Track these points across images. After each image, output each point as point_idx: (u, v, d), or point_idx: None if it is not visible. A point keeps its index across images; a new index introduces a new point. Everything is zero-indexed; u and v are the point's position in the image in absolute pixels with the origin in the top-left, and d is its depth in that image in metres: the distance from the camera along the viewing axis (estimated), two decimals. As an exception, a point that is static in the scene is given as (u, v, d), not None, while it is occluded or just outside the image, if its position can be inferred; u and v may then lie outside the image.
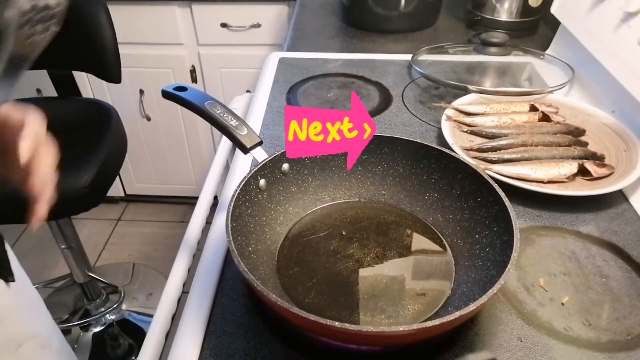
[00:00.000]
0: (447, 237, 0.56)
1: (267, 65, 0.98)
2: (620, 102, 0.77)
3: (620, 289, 0.52)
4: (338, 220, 0.59)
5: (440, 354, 0.45)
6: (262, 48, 1.55)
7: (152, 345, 0.48)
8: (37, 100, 1.53)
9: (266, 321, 0.48)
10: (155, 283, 1.74)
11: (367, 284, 0.51)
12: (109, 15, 1.16)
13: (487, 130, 0.73)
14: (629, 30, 0.73)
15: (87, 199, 1.07)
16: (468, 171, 0.54)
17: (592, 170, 0.64)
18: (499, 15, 1.14)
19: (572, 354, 0.46)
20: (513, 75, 0.95)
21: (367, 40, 1.11)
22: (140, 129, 1.78)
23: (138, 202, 2.08)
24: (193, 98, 0.58)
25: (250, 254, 0.50)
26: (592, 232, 0.59)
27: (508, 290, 0.52)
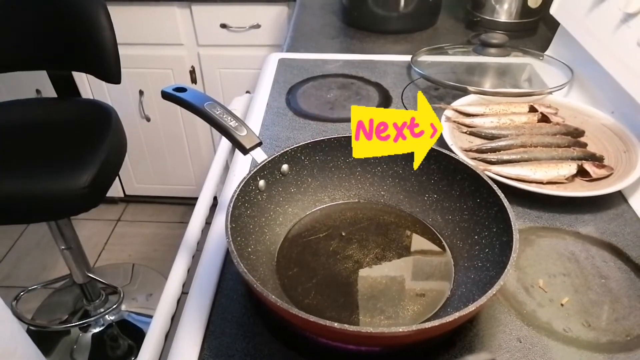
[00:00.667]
0: (447, 238, 0.56)
1: (266, 66, 0.98)
2: (620, 103, 0.77)
3: (620, 290, 0.52)
4: (337, 221, 0.59)
5: (439, 354, 0.45)
6: (261, 49, 1.55)
7: (151, 346, 0.48)
8: (37, 100, 1.53)
9: (266, 322, 0.48)
10: (155, 283, 1.74)
11: (367, 285, 0.51)
12: (109, 16, 1.16)
13: (487, 131, 0.73)
14: (628, 31, 0.73)
15: (87, 199, 1.07)
16: (467, 172, 0.54)
17: (591, 171, 0.64)
18: (498, 16, 1.15)
19: (571, 355, 0.46)
20: (512, 76, 0.96)
21: (367, 41, 1.11)
22: (140, 129, 1.78)
23: (138, 203, 2.09)
24: (192, 99, 0.58)
25: (249, 255, 0.50)
26: (592, 233, 0.59)
27: (507, 291, 0.52)
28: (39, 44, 1.24)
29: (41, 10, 1.20)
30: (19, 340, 0.66)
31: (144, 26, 1.54)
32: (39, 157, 1.12)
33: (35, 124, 1.23)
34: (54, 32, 1.22)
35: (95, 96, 1.70)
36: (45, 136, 1.19)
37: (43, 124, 1.23)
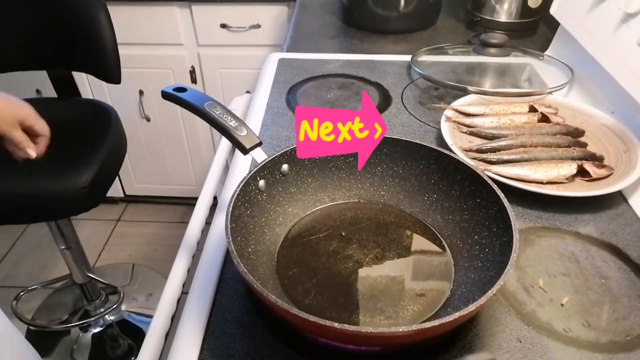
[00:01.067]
0: (447, 237, 0.56)
1: (266, 65, 0.98)
2: (620, 103, 0.77)
3: (620, 290, 0.52)
4: (337, 221, 0.59)
5: (439, 354, 0.45)
6: (261, 49, 1.55)
7: (151, 346, 0.48)
8: (37, 100, 1.53)
9: (266, 322, 0.48)
10: (155, 283, 1.74)
11: (367, 285, 0.51)
12: (109, 16, 1.16)
13: (487, 131, 0.73)
14: (628, 31, 0.73)
15: (87, 199, 1.07)
16: (467, 172, 0.54)
17: (591, 171, 0.64)
18: (498, 16, 1.15)
19: (571, 355, 0.46)
20: (512, 76, 0.96)
21: (367, 41, 1.11)
22: (140, 129, 1.78)
23: (138, 203, 2.08)
24: (192, 99, 0.58)
25: (249, 255, 0.50)
26: (592, 233, 0.59)
27: (507, 291, 0.52)
28: (39, 44, 1.24)
29: (41, 10, 1.20)
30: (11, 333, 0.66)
31: (144, 26, 1.54)
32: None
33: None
34: (54, 32, 1.22)
35: (95, 96, 1.70)
36: (45, 136, 1.19)
37: (43, 124, 1.23)
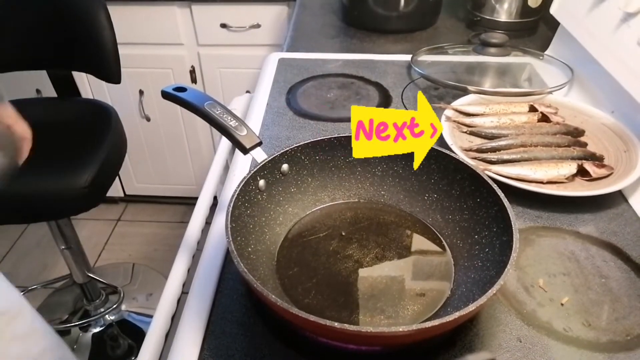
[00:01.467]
0: (447, 237, 0.56)
1: (266, 65, 0.98)
2: (620, 103, 0.77)
3: (620, 290, 0.52)
4: (337, 220, 0.59)
5: (439, 354, 0.45)
6: (261, 48, 1.55)
7: (151, 346, 0.48)
8: (37, 100, 1.53)
9: (266, 321, 0.48)
10: (155, 283, 1.74)
11: (367, 285, 0.51)
12: (109, 16, 1.16)
13: (487, 130, 0.73)
14: (628, 30, 0.73)
15: (87, 199, 1.07)
16: (467, 172, 0.54)
17: (591, 170, 0.64)
18: (498, 15, 1.14)
19: (571, 355, 0.46)
20: (512, 75, 0.96)
21: (367, 41, 1.11)
22: (140, 129, 1.78)
23: (138, 203, 2.08)
24: (192, 98, 0.58)
25: (249, 255, 0.50)
26: (592, 233, 0.59)
27: (507, 290, 0.52)
28: (39, 44, 1.24)
29: (41, 10, 1.20)
30: (25, 308, 0.67)
31: (144, 26, 1.54)
32: (39, 156, 1.11)
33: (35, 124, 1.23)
34: (54, 32, 1.22)
35: (95, 96, 1.70)
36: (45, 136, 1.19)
37: (43, 124, 1.23)
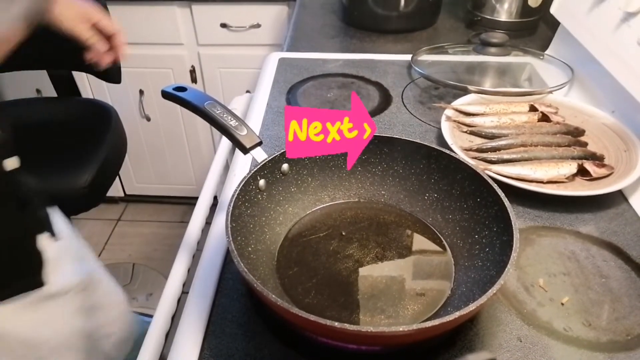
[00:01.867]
0: (447, 237, 0.56)
1: (266, 65, 0.98)
2: (620, 102, 0.77)
3: (620, 289, 0.52)
4: (338, 220, 0.59)
5: (440, 354, 0.45)
6: (261, 48, 1.55)
7: (152, 346, 0.48)
8: (37, 100, 1.53)
9: (266, 321, 0.48)
10: (155, 283, 1.74)
11: (367, 284, 0.51)
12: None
13: (487, 130, 0.73)
14: (628, 30, 0.73)
15: (87, 199, 1.07)
16: (467, 171, 0.54)
17: (591, 170, 0.64)
18: (498, 15, 1.14)
19: (571, 354, 0.46)
20: (513, 75, 0.96)
21: (367, 40, 1.11)
22: (140, 129, 1.78)
23: (138, 202, 2.08)
24: (193, 98, 0.58)
25: (250, 254, 0.50)
26: (592, 232, 0.59)
27: (508, 290, 0.52)
28: (39, 43, 1.23)
29: (41, 10, 1.20)
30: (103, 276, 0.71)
31: (143, 26, 1.54)
32: (39, 156, 1.12)
33: (35, 124, 1.23)
34: (53, 32, 1.22)
35: (96, 96, 1.70)
36: (45, 136, 1.19)
37: (43, 124, 1.23)
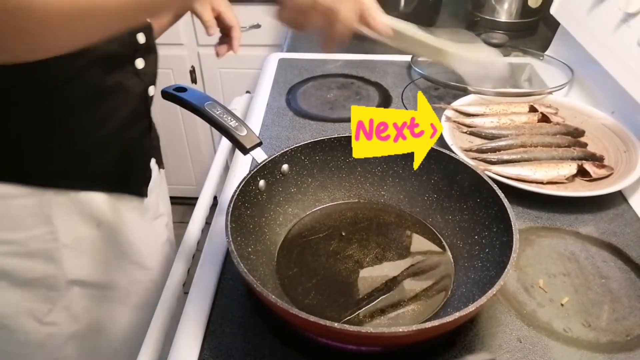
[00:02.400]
0: (447, 237, 0.56)
1: (267, 65, 0.98)
2: (620, 103, 0.77)
3: (620, 290, 0.52)
4: (337, 221, 0.59)
5: (439, 354, 0.45)
6: (262, 49, 1.55)
7: (152, 346, 0.48)
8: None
9: (266, 322, 0.48)
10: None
11: (367, 285, 0.51)
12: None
13: (487, 131, 0.73)
14: (628, 31, 0.73)
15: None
16: (467, 172, 0.54)
17: (591, 171, 0.64)
18: (498, 16, 1.14)
19: (571, 355, 0.46)
20: (513, 76, 0.95)
21: (367, 41, 1.10)
22: (140, 129, 1.78)
23: (138, 203, 2.08)
24: (193, 99, 0.58)
25: (249, 255, 0.50)
26: (592, 233, 0.59)
27: (507, 291, 0.52)
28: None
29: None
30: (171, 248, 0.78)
31: (144, 26, 1.54)
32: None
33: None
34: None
35: (96, 96, 1.70)
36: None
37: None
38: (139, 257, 0.68)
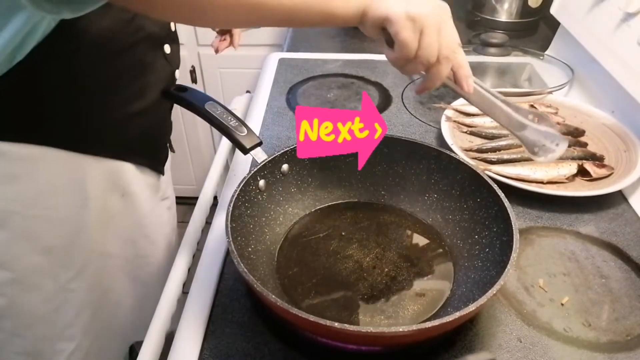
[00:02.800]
0: (447, 237, 0.56)
1: (267, 65, 0.98)
2: (620, 103, 0.77)
3: (620, 290, 0.52)
4: (337, 220, 0.59)
5: (439, 354, 0.45)
6: (262, 48, 1.55)
7: (152, 346, 0.48)
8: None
9: (266, 321, 0.48)
10: (155, 283, 1.74)
11: (367, 285, 0.51)
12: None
13: (487, 130, 0.73)
14: (628, 30, 0.73)
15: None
16: (467, 172, 0.54)
17: (591, 170, 0.64)
18: (498, 15, 1.14)
19: (571, 355, 0.46)
20: (513, 75, 0.96)
21: (367, 41, 1.11)
22: (140, 129, 1.78)
23: (138, 203, 2.08)
24: (193, 98, 0.58)
25: (249, 255, 0.50)
26: (592, 233, 0.59)
27: (508, 290, 0.52)
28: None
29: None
30: None
31: (144, 26, 1.54)
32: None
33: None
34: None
35: (96, 96, 1.70)
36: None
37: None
38: (149, 231, 0.71)
